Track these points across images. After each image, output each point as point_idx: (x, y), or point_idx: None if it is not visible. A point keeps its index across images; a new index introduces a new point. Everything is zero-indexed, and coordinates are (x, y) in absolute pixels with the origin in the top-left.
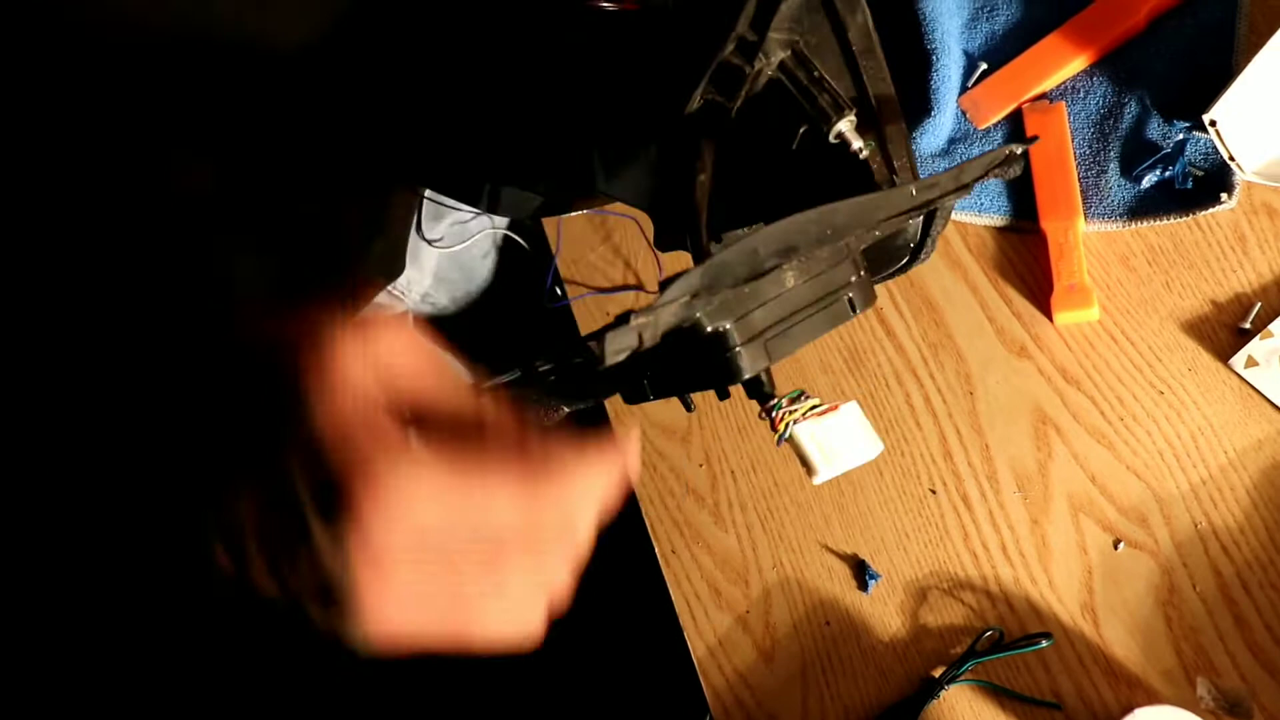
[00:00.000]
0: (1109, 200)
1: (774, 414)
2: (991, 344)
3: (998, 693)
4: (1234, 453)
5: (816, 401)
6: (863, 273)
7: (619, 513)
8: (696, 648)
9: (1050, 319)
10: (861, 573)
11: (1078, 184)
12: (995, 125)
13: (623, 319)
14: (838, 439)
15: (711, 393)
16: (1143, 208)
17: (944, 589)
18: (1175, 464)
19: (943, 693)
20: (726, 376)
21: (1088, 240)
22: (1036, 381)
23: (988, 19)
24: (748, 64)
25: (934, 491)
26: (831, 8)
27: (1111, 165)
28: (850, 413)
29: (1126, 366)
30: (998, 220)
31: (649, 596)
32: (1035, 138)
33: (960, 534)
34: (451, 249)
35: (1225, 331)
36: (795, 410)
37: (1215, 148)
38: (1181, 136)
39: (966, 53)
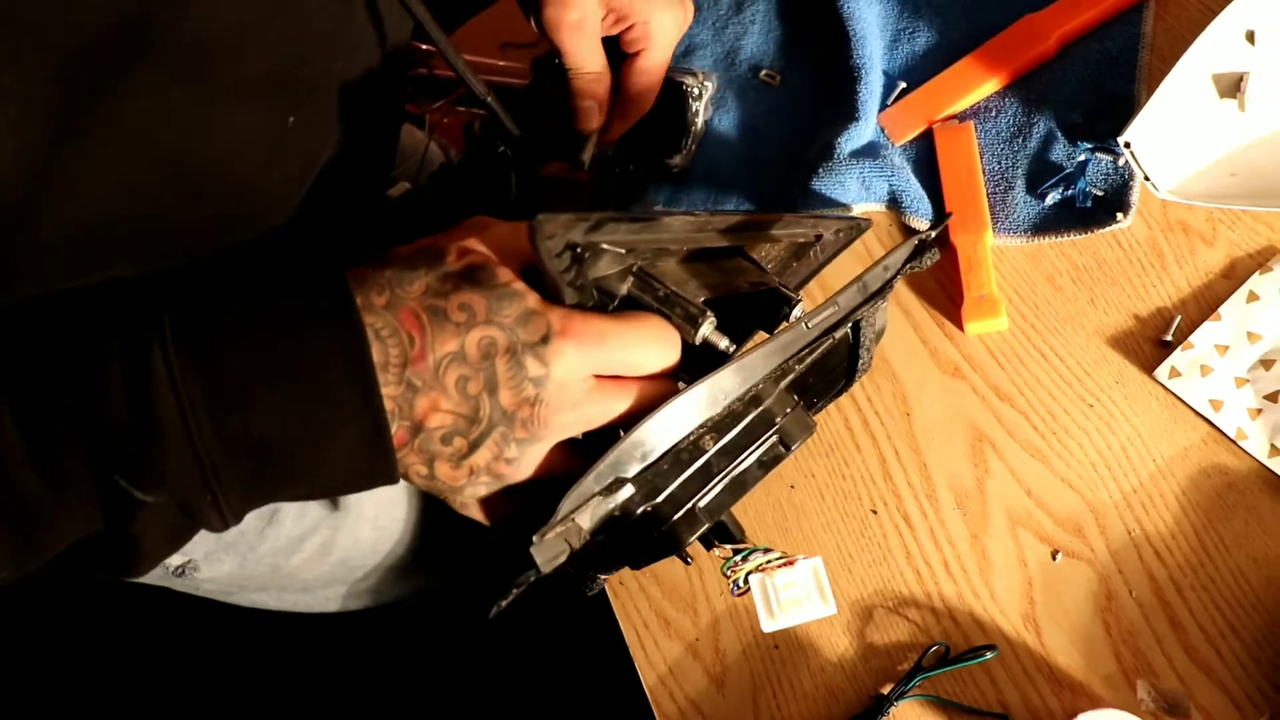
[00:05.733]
0: (1015, 216)
1: (725, 571)
2: (926, 365)
3: (946, 706)
4: (1162, 461)
5: (775, 555)
6: (791, 410)
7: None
8: (647, 677)
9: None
10: None
11: (986, 200)
12: (910, 143)
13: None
14: (787, 593)
15: None
16: (1046, 224)
17: (889, 607)
18: (1107, 474)
19: (892, 709)
20: (672, 547)
21: (1013, 259)
22: (971, 400)
23: (909, 40)
24: (603, 299)
25: (875, 512)
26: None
27: (1019, 182)
28: (806, 568)
29: (1057, 382)
30: None
31: (598, 628)
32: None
33: (903, 552)
34: None
35: (1149, 344)
36: (747, 565)
37: (1115, 169)
38: (1084, 158)
39: (886, 72)
